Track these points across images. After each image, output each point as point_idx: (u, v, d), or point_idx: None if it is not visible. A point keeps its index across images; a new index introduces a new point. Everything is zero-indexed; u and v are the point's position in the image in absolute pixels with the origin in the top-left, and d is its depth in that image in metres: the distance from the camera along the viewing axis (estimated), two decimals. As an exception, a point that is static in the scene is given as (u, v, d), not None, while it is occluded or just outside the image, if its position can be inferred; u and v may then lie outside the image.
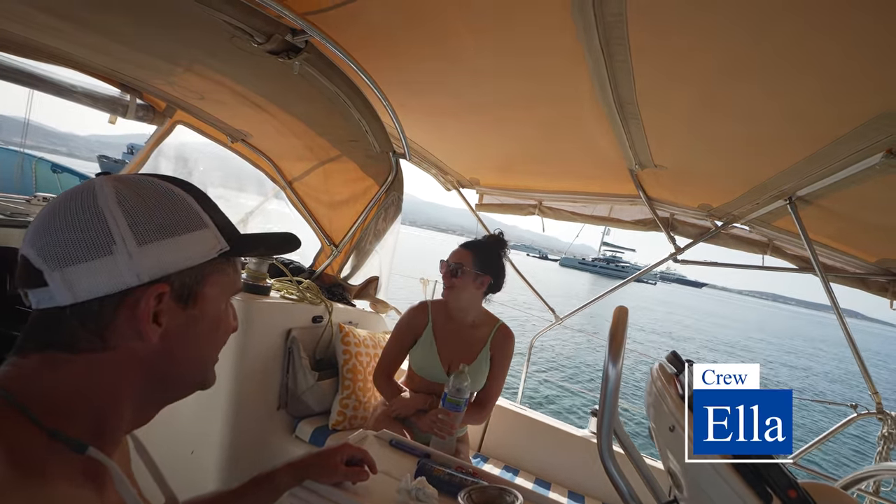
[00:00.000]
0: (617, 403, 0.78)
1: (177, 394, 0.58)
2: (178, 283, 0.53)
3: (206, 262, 0.54)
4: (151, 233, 0.50)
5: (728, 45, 1.01)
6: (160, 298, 0.51)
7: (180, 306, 0.53)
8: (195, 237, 0.53)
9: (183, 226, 0.53)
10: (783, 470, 0.58)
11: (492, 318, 1.88)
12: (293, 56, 1.31)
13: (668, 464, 0.72)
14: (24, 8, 1.28)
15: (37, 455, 0.46)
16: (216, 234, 0.56)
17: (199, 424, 1.78)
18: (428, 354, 1.78)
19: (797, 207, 1.75)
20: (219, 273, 0.57)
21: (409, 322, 1.84)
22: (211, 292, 0.56)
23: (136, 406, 0.54)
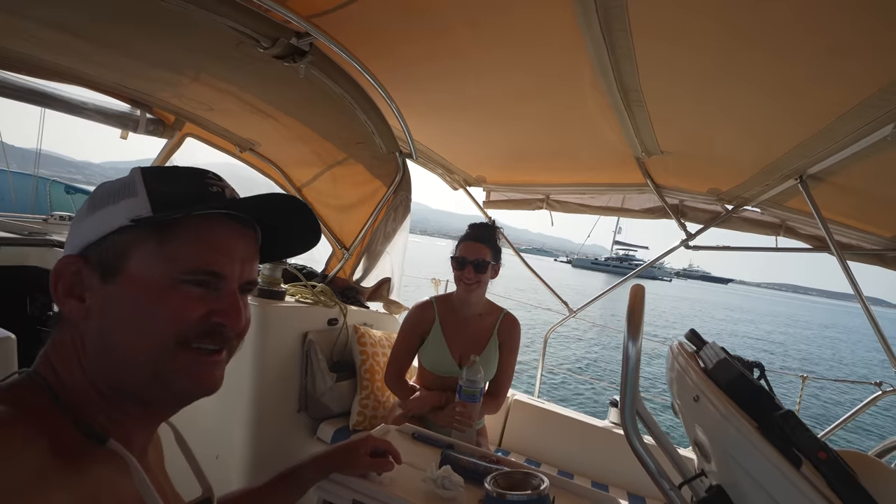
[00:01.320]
0: (638, 381, 0.78)
1: (134, 388, 0.52)
2: (95, 256, 0.51)
3: (117, 231, 0.50)
4: (86, 210, 0.53)
5: (730, 22, 1.01)
6: (78, 272, 0.51)
7: (102, 282, 0.51)
8: (118, 208, 0.51)
9: (109, 199, 0.52)
10: (810, 432, 0.58)
11: (495, 306, 1.88)
12: (298, 59, 1.33)
13: (695, 435, 0.72)
14: (32, 25, 1.31)
15: (69, 445, 0.47)
16: (143, 203, 0.51)
17: (222, 429, 1.80)
18: (439, 350, 1.78)
19: (808, 186, 1.73)
20: (143, 244, 0.50)
21: (416, 320, 1.83)
22: (138, 267, 0.50)
23: (119, 393, 0.52)
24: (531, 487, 0.89)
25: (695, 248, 2.44)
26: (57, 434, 0.46)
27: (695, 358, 0.85)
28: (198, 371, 0.53)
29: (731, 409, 0.62)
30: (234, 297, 0.54)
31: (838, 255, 1.96)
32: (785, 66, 1.12)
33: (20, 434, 0.43)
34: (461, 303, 1.80)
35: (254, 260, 0.59)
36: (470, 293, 1.75)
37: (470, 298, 1.77)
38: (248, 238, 0.57)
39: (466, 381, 1.48)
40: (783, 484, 0.57)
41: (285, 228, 0.62)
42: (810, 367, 15.63)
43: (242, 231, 0.57)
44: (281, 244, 0.64)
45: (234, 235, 0.55)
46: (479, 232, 1.79)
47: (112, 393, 0.52)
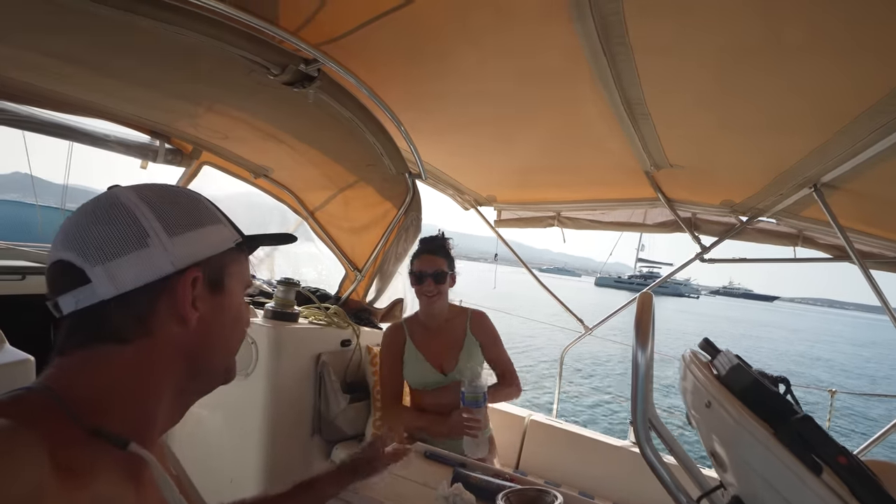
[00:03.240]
0: (650, 392, 0.76)
1: (207, 384, 0.61)
2: (208, 269, 0.57)
3: (226, 251, 0.59)
4: (180, 225, 0.55)
5: (733, 30, 1.01)
6: (195, 283, 0.55)
7: (210, 293, 0.57)
8: (215, 229, 0.59)
9: (205, 219, 0.58)
10: (829, 437, 0.56)
11: (460, 309, 1.91)
12: (307, 85, 1.38)
13: (711, 444, 0.70)
14: (57, 62, 1.39)
15: (78, 455, 0.47)
16: (230, 228, 0.61)
17: (237, 453, 1.80)
18: (418, 365, 1.79)
19: (824, 194, 1.70)
20: (236, 263, 0.61)
21: (389, 342, 1.86)
22: (231, 282, 0.60)
23: (173, 396, 0.56)
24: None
25: (710, 261, 2.40)
26: (64, 443, 0.46)
27: (708, 367, 0.83)
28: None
29: (745, 415, 0.60)
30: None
31: (860, 263, 1.91)
32: (792, 73, 1.12)
33: (20, 445, 0.42)
34: (427, 316, 1.83)
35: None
36: (432, 305, 1.79)
37: (433, 310, 1.81)
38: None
39: (468, 387, 1.47)
40: (804, 492, 0.54)
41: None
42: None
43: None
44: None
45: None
46: (433, 245, 1.84)
47: (179, 394, 0.57)
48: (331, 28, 1.26)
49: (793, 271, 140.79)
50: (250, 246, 0.64)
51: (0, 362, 1.11)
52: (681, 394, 0.85)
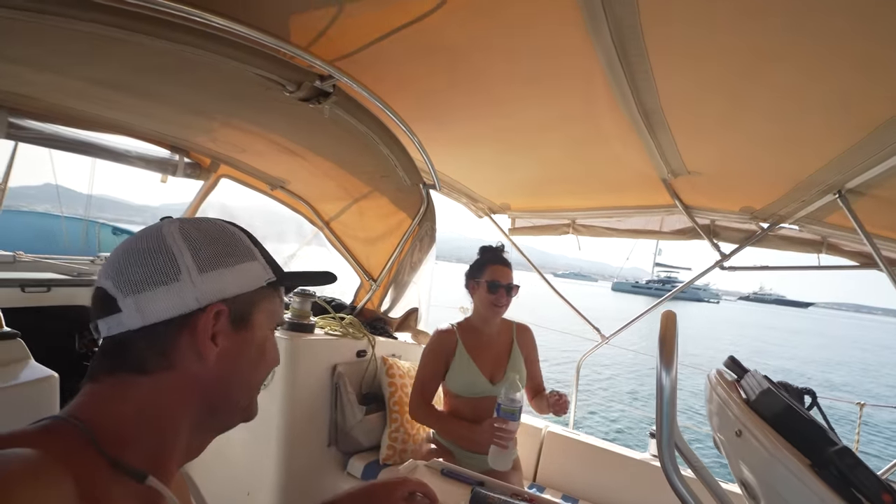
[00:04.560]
0: (675, 414, 0.74)
1: (226, 421, 0.61)
2: (233, 306, 0.57)
3: (256, 289, 0.59)
4: (211, 262, 0.56)
5: (753, 36, 0.99)
6: (217, 318, 0.55)
7: (234, 329, 0.57)
8: (247, 267, 0.59)
9: (237, 257, 0.59)
10: (871, 471, 0.53)
11: (505, 321, 1.91)
12: (323, 101, 1.39)
13: (741, 473, 0.67)
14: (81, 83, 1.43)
15: (101, 486, 0.48)
16: (264, 266, 0.62)
17: (253, 465, 1.81)
18: (468, 372, 1.77)
19: (849, 200, 1.65)
20: (267, 301, 0.61)
21: (439, 346, 1.83)
22: (259, 319, 0.60)
23: (192, 430, 0.57)
24: (567, 529, 0.84)
25: (730, 269, 2.35)
26: (88, 475, 0.47)
27: (735, 388, 0.80)
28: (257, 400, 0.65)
29: (779, 446, 0.57)
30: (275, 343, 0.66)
31: (888, 271, 1.85)
32: (815, 78, 1.09)
33: (50, 478, 0.43)
34: (484, 324, 1.83)
35: None
36: (497, 315, 1.79)
37: (496, 321, 1.81)
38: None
39: (506, 400, 1.45)
40: (843, 529, 0.52)
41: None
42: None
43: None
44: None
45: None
46: (501, 255, 1.84)
47: (198, 428, 0.58)
48: (344, 44, 1.27)
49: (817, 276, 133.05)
50: (284, 285, 0.64)
51: (24, 379, 1.13)
52: (707, 416, 0.83)
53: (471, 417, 1.74)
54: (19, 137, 1.62)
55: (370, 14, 1.13)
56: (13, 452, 0.43)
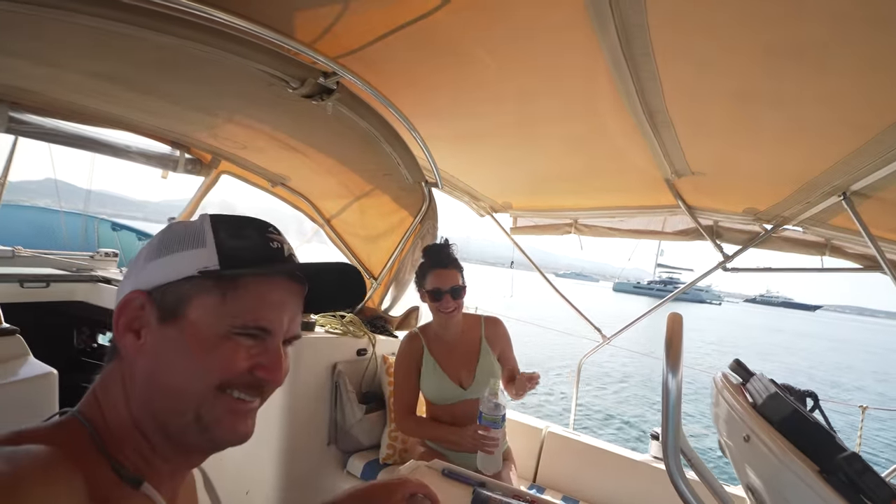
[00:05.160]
0: (680, 418, 0.73)
1: (178, 434, 0.53)
2: (159, 296, 0.53)
3: (185, 279, 0.53)
4: (154, 252, 0.55)
5: (760, 38, 0.98)
6: (142, 309, 0.53)
7: (160, 323, 0.53)
8: (182, 255, 0.54)
9: (179, 245, 0.55)
10: (880, 477, 0.53)
11: (473, 317, 1.86)
12: (326, 98, 1.37)
13: (747, 479, 0.67)
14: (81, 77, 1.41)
15: (105, 487, 0.48)
16: (210, 254, 0.54)
17: (252, 464, 1.80)
18: (437, 378, 1.74)
19: (853, 203, 1.64)
20: (206, 295, 0.53)
21: (407, 352, 1.80)
22: (196, 315, 0.52)
23: (160, 433, 0.53)
24: (569, 531, 0.84)
25: (733, 270, 2.34)
26: (94, 475, 0.47)
27: (741, 391, 0.80)
28: (233, 420, 0.55)
29: (787, 451, 0.57)
30: (278, 352, 0.56)
31: (892, 274, 1.84)
32: (821, 81, 1.08)
33: (60, 476, 0.43)
34: (444, 329, 1.78)
35: (299, 314, 0.60)
36: (451, 320, 1.73)
37: (453, 325, 1.76)
38: (297, 294, 0.60)
39: (487, 408, 1.43)
40: (852, 536, 0.51)
41: (334, 287, 0.65)
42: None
43: (295, 288, 0.59)
44: (325, 300, 0.66)
45: (288, 292, 0.58)
46: (444, 257, 1.74)
47: (153, 433, 0.53)
48: (348, 41, 1.26)
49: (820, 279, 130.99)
50: (228, 276, 0.53)
51: (24, 376, 1.12)
52: (713, 420, 0.82)
53: (451, 422, 1.73)
54: (20, 132, 1.61)
55: (374, 11, 1.12)
56: (24, 449, 0.43)
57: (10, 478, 0.40)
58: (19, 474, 0.40)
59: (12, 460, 0.41)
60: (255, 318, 0.54)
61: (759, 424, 0.62)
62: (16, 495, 0.39)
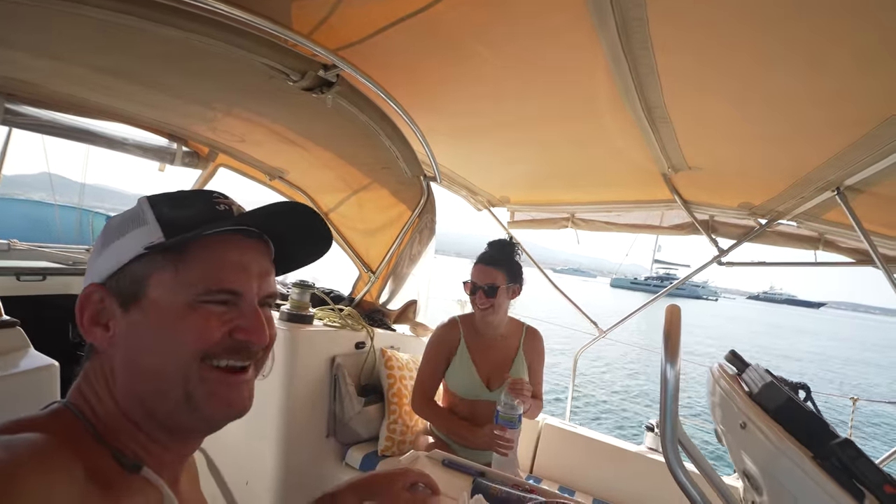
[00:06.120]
0: (678, 408, 0.75)
1: (168, 415, 0.53)
2: (115, 284, 0.52)
3: (135, 260, 0.51)
4: (101, 243, 0.54)
5: (757, 34, 0.99)
6: (101, 301, 0.52)
7: (124, 310, 0.52)
8: (130, 237, 0.53)
9: (121, 230, 0.54)
10: (873, 463, 0.54)
11: (517, 323, 1.85)
12: (326, 90, 1.38)
13: (743, 465, 0.68)
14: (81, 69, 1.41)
15: (104, 474, 0.48)
16: (154, 230, 0.52)
17: (252, 455, 1.81)
18: (466, 372, 1.74)
19: (847, 198, 1.67)
20: (160, 271, 0.51)
21: (441, 340, 1.80)
22: (157, 294, 0.51)
23: (151, 420, 0.53)
24: (568, 518, 0.85)
25: (728, 264, 2.37)
26: (92, 462, 0.47)
27: (738, 381, 0.81)
28: (227, 393, 0.53)
29: (783, 438, 0.58)
30: (255, 313, 0.55)
31: (884, 268, 1.87)
32: (816, 77, 1.10)
33: (58, 463, 0.43)
34: (483, 325, 1.77)
35: (270, 273, 0.59)
36: (485, 317, 1.72)
37: (490, 322, 1.75)
38: (261, 252, 0.58)
39: (504, 407, 1.43)
40: (845, 519, 0.53)
41: (297, 238, 0.62)
42: None
43: (255, 245, 0.57)
44: (295, 254, 0.64)
45: (248, 251, 0.56)
46: (492, 254, 1.75)
47: (144, 421, 0.52)
48: (347, 33, 1.26)
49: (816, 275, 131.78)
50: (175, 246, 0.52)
51: (25, 368, 1.13)
52: (709, 409, 0.84)
53: (468, 418, 1.74)
54: (16, 124, 1.60)
55: (375, 3, 1.12)
56: (22, 438, 0.43)
57: (7, 465, 0.39)
58: (17, 462, 0.40)
59: (10, 449, 0.41)
60: (217, 281, 0.52)
61: (755, 412, 0.64)
62: (13, 483, 0.39)
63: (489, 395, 1.72)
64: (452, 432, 1.74)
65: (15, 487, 0.38)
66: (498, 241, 1.80)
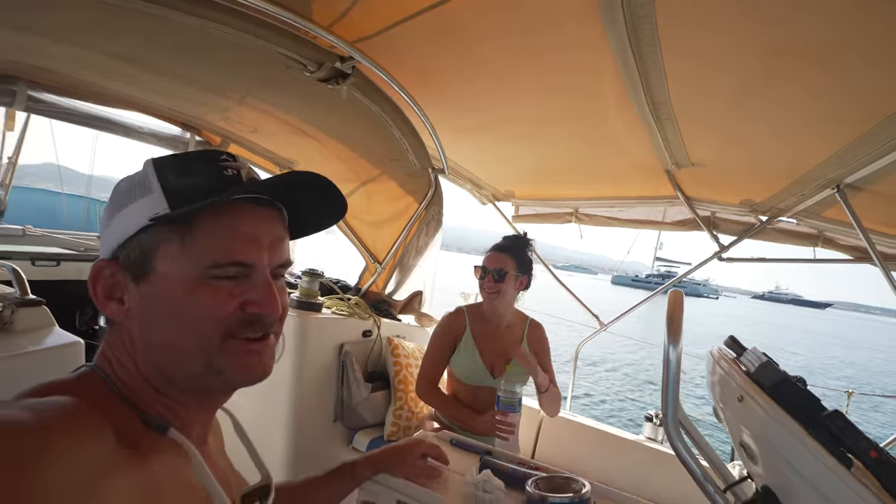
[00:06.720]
0: (679, 387, 0.79)
1: (187, 381, 0.53)
2: (125, 257, 0.51)
3: (141, 231, 0.50)
4: (109, 214, 0.53)
5: (762, 32, 1.02)
6: (114, 276, 0.52)
7: (136, 284, 0.51)
8: (136, 206, 0.51)
9: (127, 198, 0.52)
10: (860, 432, 0.59)
11: (521, 315, 1.93)
12: (341, 82, 1.41)
13: (740, 437, 0.73)
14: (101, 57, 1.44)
15: (135, 435, 0.49)
16: (159, 199, 0.50)
17: (261, 438, 1.84)
18: (471, 359, 1.80)
19: (847, 195, 1.70)
20: (167, 243, 0.50)
21: (447, 328, 1.87)
22: (165, 266, 0.50)
23: (174, 386, 0.54)
24: (572, 491, 0.90)
25: (728, 260, 2.41)
26: (120, 424, 0.48)
27: (736, 363, 0.86)
28: (247, 360, 0.54)
29: (778, 409, 0.63)
30: (266, 285, 0.53)
31: (882, 265, 1.91)
32: (818, 75, 1.13)
33: (88, 424, 0.44)
34: (490, 312, 1.84)
35: (282, 241, 0.57)
36: (491, 302, 1.79)
37: (496, 308, 1.82)
38: (273, 219, 0.56)
39: (505, 392, 1.49)
40: (834, 483, 0.57)
41: (310, 203, 0.60)
42: None
43: (267, 213, 0.55)
44: (308, 220, 0.62)
45: (258, 220, 0.54)
46: (505, 243, 1.85)
47: (166, 387, 0.53)
48: (364, 26, 1.29)
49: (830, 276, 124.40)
50: (180, 218, 0.50)
51: (51, 344, 1.17)
52: (708, 388, 0.88)
53: (470, 404, 1.80)
54: (37, 111, 1.64)
55: (391, -4, 1.16)
56: (53, 400, 0.44)
57: (37, 427, 0.40)
58: (46, 424, 0.41)
59: (39, 411, 0.42)
60: (226, 253, 0.50)
61: (752, 388, 0.68)
62: (43, 444, 0.39)
63: (492, 382, 1.78)
64: (455, 418, 1.79)
65: (47, 448, 0.39)
66: (514, 234, 1.92)
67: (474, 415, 1.72)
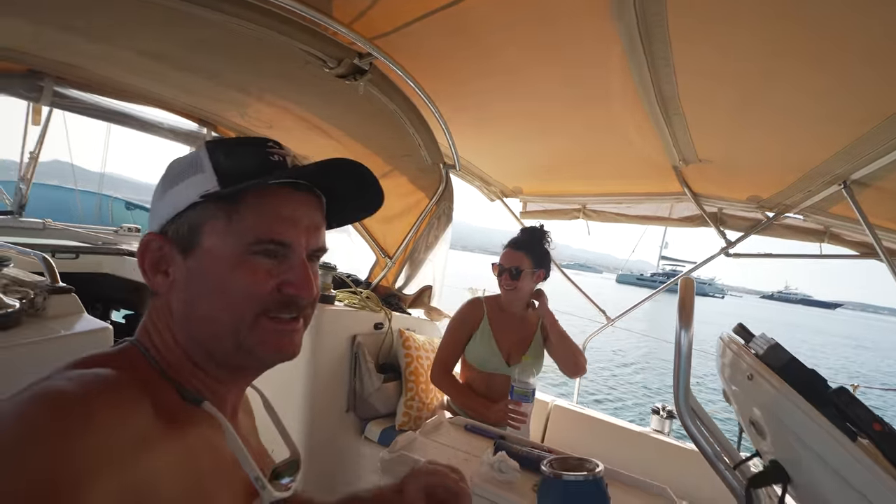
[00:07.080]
0: (690, 371, 0.83)
1: (222, 355, 0.56)
2: (174, 231, 0.54)
3: (190, 207, 0.54)
4: (161, 190, 0.57)
5: (771, 30, 1.05)
6: (161, 249, 0.55)
7: (183, 257, 0.54)
8: (187, 184, 0.54)
9: (180, 176, 0.55)
10: (865, 406, 0.62)
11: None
12: (359, 78, 1.45)
13: (750, 413, 0.76)
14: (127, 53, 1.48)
15: (170, 408, 0.51)
16: (210, 177, 0.54)
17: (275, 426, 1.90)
18: (487, 347, 1.85)
19: (853, 191, 1.72)
20: (214, 220, 0.53)
21: (465, 317, 1.93)
22: (211, 241, 0.53)
23: (210, 360, 0.56)
24: (586, 470, 0.94)
25: (735, 255, 2.43)
26: (158, 396, 0.50)
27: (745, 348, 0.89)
28: (278, 340, 0.56)
29: (787, 386, 0.66)
30: (303, 267, 0.56)
31: (888, 261, 1.93)
32: (824, 71, 1.15)
33: (128, 396, 0.46)
34: (507, 302, 1.90)
35: (320, 227, 0.60)
36: (509, 297, 1.86)
37: (511, 302, 1.88)
38: (312, 205, 0.59)
39: (519, 382, 1.53)
40: (840, 454, 0.61)
41: (350, 192, 0.63)
42: None
43: (307, 199, 0.58)
44: (346, 209, 0.66)
45: (299, 204, 0.57)
46: (521, 238, 1.90)
47: (203, 361, 0.56)
48: (384, 23, 1.33)
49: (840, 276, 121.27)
50: (228, 196, 0.53)
51: (81, 329, 1.21)
52: (718, 371, 0.92)
53: (484, 392, 1.84)
54: (62, 106, 1.69)
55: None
56: (93, 372, 0.46)
57: (81, 398, 0.42)
58: (90, 395, 0.43)
59: (82, 383, 0.43)
60: (267, 231, 0.54)
61: (762, 368, 0.71)
62: (88, 414, 0.41)
63: (506, 370, 1.83)
64: (468, 406, 1.83)
65: (92, 418, 0.41)
66: (530, 227, 1.97)
67: (488, 403, 1.76)
